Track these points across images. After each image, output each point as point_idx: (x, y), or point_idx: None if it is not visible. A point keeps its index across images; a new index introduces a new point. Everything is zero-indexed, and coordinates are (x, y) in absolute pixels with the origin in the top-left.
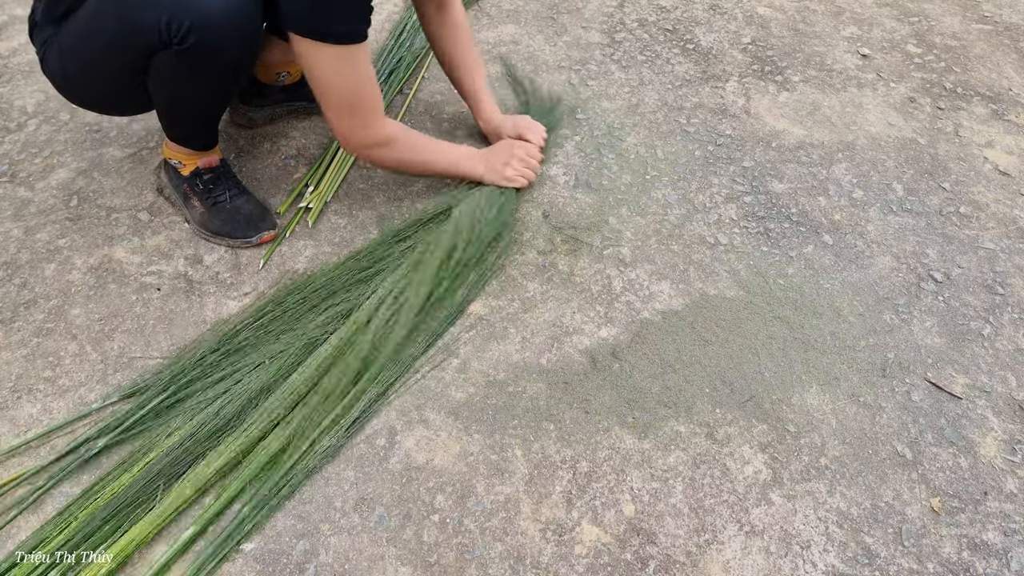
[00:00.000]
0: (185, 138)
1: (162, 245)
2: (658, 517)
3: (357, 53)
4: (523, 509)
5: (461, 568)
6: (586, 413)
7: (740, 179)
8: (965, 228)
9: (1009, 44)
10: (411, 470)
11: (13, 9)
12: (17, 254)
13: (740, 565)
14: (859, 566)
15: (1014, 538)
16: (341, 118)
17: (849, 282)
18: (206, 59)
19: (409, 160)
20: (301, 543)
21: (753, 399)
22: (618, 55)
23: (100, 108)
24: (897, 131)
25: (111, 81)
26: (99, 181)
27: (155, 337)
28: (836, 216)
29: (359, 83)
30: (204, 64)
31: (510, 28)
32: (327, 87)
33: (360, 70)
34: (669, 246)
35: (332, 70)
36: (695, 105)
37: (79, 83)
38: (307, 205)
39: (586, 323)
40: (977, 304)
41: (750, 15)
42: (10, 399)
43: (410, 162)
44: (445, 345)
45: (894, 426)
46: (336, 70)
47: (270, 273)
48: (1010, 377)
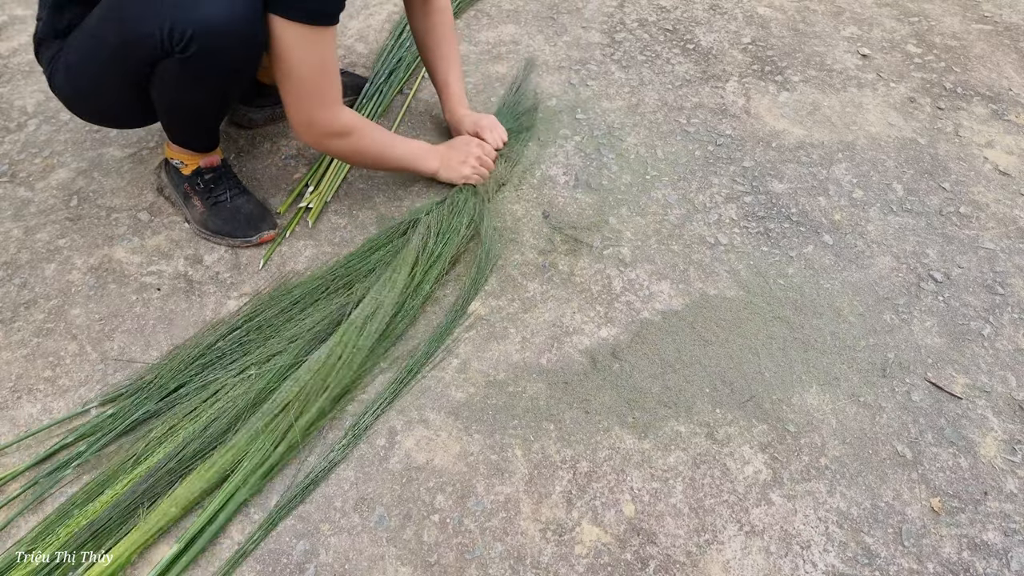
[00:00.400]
0: (187, 141)
1: (162, 245)
2: (658, 517)
3: (325, 35)
4: (523, 509)
5: (461, 568)
6: (586, 413)
7: (740, 179)
8: (965, 228)
9: (1009, 44)
10: (411, 470)
11: (13, 9)
12: (17, 254)
13: (740, 565)
14: (859, 566)
15: (1014, 538)
16: (301, 103)
17: (849, 282)
18: (208, 66)
19: (364, 151)
20: (301, 543)
21: (753, 399)
22: (618, 55)
23: (107, 122)
24: (897, 131)
25: (115, 92)
26: (99, 181)
27: (155, 337)
28: (836, 216)
29: (324, 67)
30: (206, 71)
31: (510, 28)
32: (292, 68)
33: (327, 54)
34: (669, 246)
35: (300, 50)
36: (695, 105)
37: (85, 96)
38: (307, 205)
39: (586, 323)
40: (977, 304)
41: (750, 15)
42: (10, 399)
43: (365, 153)
44: (445, 345)
45: (894, 426)
46: (304, 51)
47: (270, 273)
48: (1010, 377)
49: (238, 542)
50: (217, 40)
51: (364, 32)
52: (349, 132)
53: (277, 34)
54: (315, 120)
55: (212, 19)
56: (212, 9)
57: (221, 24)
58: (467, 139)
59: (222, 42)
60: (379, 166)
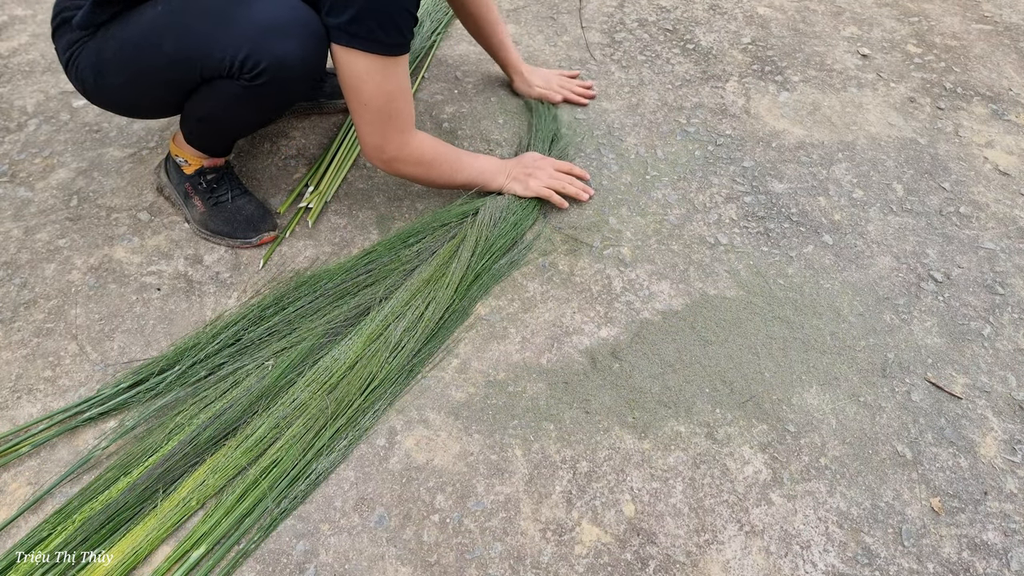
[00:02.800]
0: (207, 146)
1: (162, 245)
2: (658, 517)
3: (400, 64)
4: (523, 509)
5: (461, 568)
6: (586, 413)
7: (740, 179)
8: (965, 228)
9: (1009, 44)
10: (411, 470)
11: (13, 9)
12: (17, 254)
13: (740, 565)
14: (859, 566)
15: (1014, 538)
16: (374, 129)
17: (849, 282)
18: (272, 94)
19: (435, 179)
20: (301, 543)
21: (753, 399)
22: (618, 55)
23: (128, 113)
24: (897, 131)
25: (153, 94)
26: (99, 181)
27: (155, 337)
28: (836, 216)
29: (398, 94)
30: (268, 98)
31: (510, 28)
32: (364, 97)
33: (402, 81)
34: (669, 246)
35: (373, 81)
36: (695, 105)
37: (115, 90)
38: (307, 205)
39: (586, 323)
40: (977, 304)
41: (750, 15)
42: (10, 399)
43: (435, 180)
44: (445, 345)
45: (894, 426)
46: (377, 81)
47: (270, 273)
48: (1010, 377)
49: (238, 541)
50: (288, 73)
51: None
52: (419, 161)
53: (348, 64)
54: (387, 147)
55: (290, 57)
56: (291, 48)
57: (295, 62)
58: (535, 155)
59: (292, 75)
60: (446, 187)
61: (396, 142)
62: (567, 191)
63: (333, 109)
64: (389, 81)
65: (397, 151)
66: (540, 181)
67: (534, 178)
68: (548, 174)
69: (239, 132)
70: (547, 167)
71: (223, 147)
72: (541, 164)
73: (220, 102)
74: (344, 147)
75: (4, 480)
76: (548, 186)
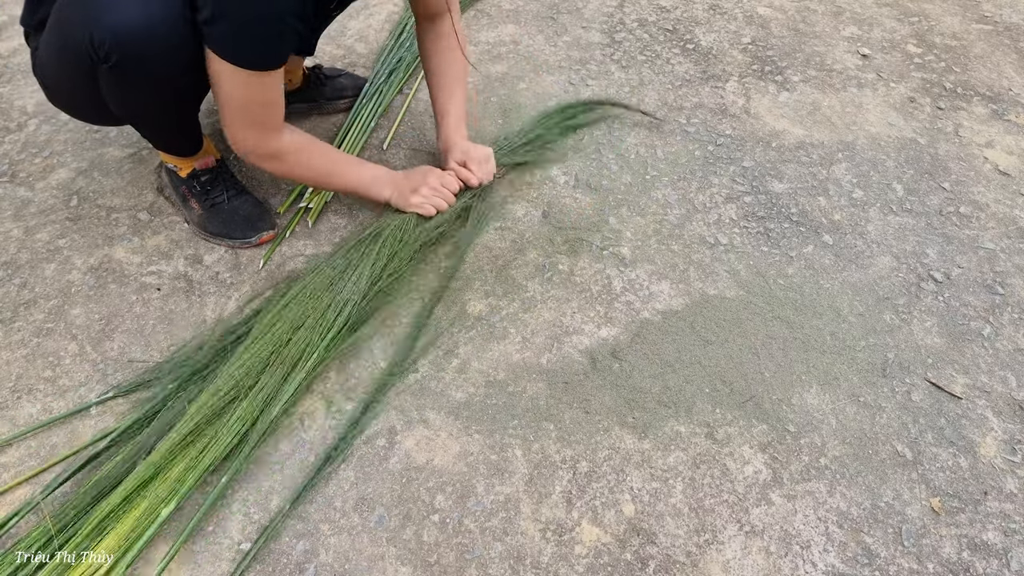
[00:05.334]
0: (165, 146)
1: (162, 245)
2: (658, 517)
3: (264, 78)
4: (523, 509)
5: (461, 568)
6: (586, 413)
7: (740, 179)
8: (965, 228)
9: (1009, 44)
10: (411, 470)
11: (13, 9)
12: (17, 254)
13: (740, 565)
14: (859, 566)
15: (1014, 538)
16: (234, 122)
17: (849, 282)
18: (133, 75)
19: (301, 177)
20: (301, 543)
21: (753, 399)
22: (618, 55)
23: (78, 115)
24: (897, 131)
25: (74, 91)
26: (99, 181)
27: (155, 337)
28: (836, 216)
29: (258, 100)
30: (133, 80)
31: (510, 28)
32: (219, 92)
33: (267, 93)
34: (669, 246)
35: (233, 86)
36: (695, 105)
37: (53, 91)
38: (307, 205)
39: (586, 323)
40: (977, 304)
41: (750, 15)
42: (10, 399)
43: (303, 178)
44: (445, 345)
45: (894, 426)
46: (237, 88)
47: (270, 273)
48: (1010, 377)
49: (238, 541)
50: (134, 49)
51: (364, 32)
52: (279, 156)
53: (208, 57)
54: (247, 143)
55: (125, 28)
56: (122, 16)
57: (136, 33)
58: (426, 168)
59: (140, 51)
60: (327, 189)
61: (252, 139)
62: (441, 208)
63: (333, 110)
64: (248, 89)
65: (253, 147)
66: (421, 197)
67: (417, 194)
68: (430, 189)
69: (161, 125)
70: (432, 181)
71: (180, 144)
72: (428, 180)
73: (111, 94)
74: (344, 148)
75: (4, 480)
76: (430, 203)
